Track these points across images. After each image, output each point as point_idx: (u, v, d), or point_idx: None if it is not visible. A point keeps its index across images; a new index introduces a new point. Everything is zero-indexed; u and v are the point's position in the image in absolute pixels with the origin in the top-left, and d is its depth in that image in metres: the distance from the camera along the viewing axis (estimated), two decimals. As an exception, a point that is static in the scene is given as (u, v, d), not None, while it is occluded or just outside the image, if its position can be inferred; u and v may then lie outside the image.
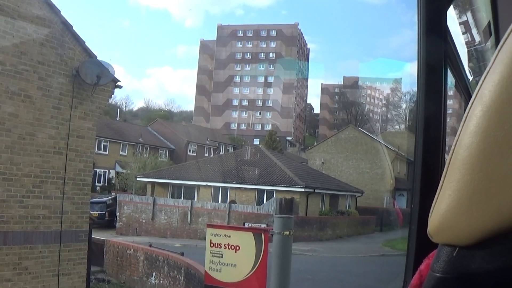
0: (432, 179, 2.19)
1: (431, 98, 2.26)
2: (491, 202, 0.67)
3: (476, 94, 0.69)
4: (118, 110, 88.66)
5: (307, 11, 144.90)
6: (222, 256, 5.51)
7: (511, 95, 0.65)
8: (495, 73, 0.67)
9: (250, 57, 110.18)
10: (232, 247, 5.46)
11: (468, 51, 3.77)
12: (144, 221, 34.86)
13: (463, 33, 3.69)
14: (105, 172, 52.13)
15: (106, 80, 11.62)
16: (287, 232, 5.16)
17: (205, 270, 5.70)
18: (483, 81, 0.69)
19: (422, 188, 2.23)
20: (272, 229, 5.24)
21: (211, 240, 5.60)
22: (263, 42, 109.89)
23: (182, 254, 18.71)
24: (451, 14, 2.80)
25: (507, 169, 0.65)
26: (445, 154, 2.30)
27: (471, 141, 0.68)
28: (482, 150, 0.67)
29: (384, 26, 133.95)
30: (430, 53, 2.23)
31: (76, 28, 11.23)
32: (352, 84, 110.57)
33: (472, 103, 0.70)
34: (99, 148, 48.90)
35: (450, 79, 2.80)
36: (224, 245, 5.49)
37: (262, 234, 5.32)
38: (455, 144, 0.71)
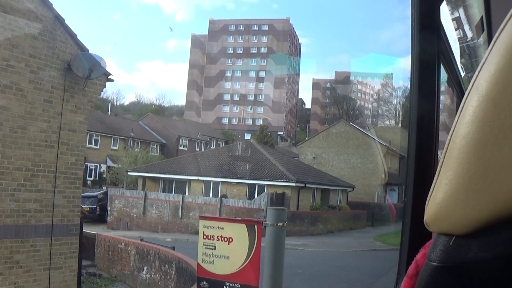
0: (425, 173, 2.20)
1: (425, 93, 2.27)
2: (487, 191, 0.68)
3: (472, 85, 0.70)
4: (110, 104, 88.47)
5: (298, 4, 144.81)
6: (215, 248, 5.49)
7: (507, 86, 0.66)
8: (491, 63, 0.68)
9: (241, 52, 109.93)
10: (225, 239, 5.45)
11: (461, 47, 3.78)
12: (135, 215, 34.79)
13: (456, 29, 3.70)
14: (96, 166, 51.94)
15: (97, 73, 11.57)
16: (281, 224, 5.16)
17: (197, 262, 5.68)
18: (479, 72, 0.69)
19: (415, 182, 2.24)
20: (265, 221, 5.23)
21: (203, 232, 5.57)
22: (254, 37, 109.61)
23: (173, 248, 18.70)
24: (444, 10, 2.82)
25: (503, 159, 0.66)
26: (438, 149, 2.32)
27: (468, 131, 0.69)
28: (478, 139, 0.68)
29: (376, 21, 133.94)
30: (424, 49, 2.24)
31: (67, 22, 11.19)
32: (343, 79, 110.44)
33: (469, 93, 0.70)
34: (90, 142, 48.68)
35: (443, 75, 2.81)
36: (217, 237, 5.47)
37: (255, 226, 5.30)
38: (452, 133, 0.72)
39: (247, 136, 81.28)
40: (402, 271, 2.18)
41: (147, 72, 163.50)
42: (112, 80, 12.61)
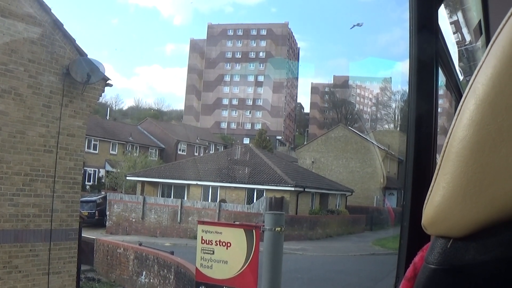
0: (423, 177, 2.20)
1: (423, 96, 2.27)
2: (484, 194, 0.68)
3: (470, 88, 0.70)
4: (108, 109, 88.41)
5: (297, 8, 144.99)
6: (213, 253, 5.49)
7: (504, 89, 0.66)
8: (488, 67, 0.68)
9: (240, 56, 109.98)
10: (224, 244, 5.45)
11: (459, 51, 3.78)
12: (134, 220, 34.73)
13: (454, 33, 3.70)
14: (95, 171, 51.84)
15: (96, 78, 11.58)
16: (279, 228, 5.16)
17: (196, 267, 5.67)
18: (476, 75, 0.69)
19: (414, 186, 2.24)
20: (263, 226, 5.23)
21: (202, 236, 5.57)
22: (253, 41, 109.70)
23: (172, 253, 18.68)
24: (442, 14, 2.82)
25: (500, 162, 0.66)
26: (436, 152, 2.32)
27: (465, 134, 0.69)
28: (476, 142, 0.68)
29: (374, 25, 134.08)
30: (422, 52, 2.24)
31: (66, 26, 11.20)
32: (342, 83, 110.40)
33: (466, 96, 0.70)
34: (89, 147, 48.66)
35: (441, 78, 2.81)
36: (216, 241, 5.47)
37: (254, 231, 5.30)
38: (449, 137, 0.72)
39: (246, 141, 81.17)
40: (401, 275, 2.18)
41: (145, 76, 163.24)
42: (110, 85, 12.62)
